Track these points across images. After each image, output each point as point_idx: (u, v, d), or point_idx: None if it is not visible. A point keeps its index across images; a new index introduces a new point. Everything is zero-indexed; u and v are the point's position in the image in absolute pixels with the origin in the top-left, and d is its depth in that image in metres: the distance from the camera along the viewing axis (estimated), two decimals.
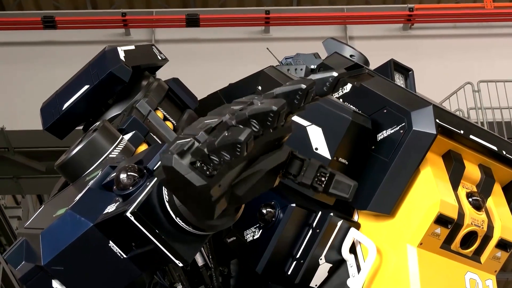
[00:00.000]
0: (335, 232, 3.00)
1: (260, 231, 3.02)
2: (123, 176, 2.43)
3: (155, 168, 2.39)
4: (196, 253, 2.44)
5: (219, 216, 2.12)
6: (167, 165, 2.01)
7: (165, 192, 2.28)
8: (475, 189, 3.09)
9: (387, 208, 2.96)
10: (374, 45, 11.95)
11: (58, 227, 2.51)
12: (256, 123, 2.01)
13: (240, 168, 2.07)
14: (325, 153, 2.97)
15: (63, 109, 3.43)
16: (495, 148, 3.13)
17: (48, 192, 12.20)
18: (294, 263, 2.97)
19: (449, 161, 3.04)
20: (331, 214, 2.99)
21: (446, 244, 2.98)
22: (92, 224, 2.40)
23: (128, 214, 2.29)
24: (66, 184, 3.15)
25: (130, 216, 2.29)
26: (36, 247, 2.55)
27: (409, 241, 2.93)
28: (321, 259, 2.99)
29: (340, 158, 2.98)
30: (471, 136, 3.06)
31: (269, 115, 2.00)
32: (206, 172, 1.98)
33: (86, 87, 3.40)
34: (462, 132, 3.02)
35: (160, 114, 3.43)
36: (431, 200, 2.91)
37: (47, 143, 10.67)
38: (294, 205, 2.96)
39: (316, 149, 2.99)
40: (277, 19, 12.80)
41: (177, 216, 2.26)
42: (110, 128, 3.06)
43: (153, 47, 3.82)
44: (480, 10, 12.87)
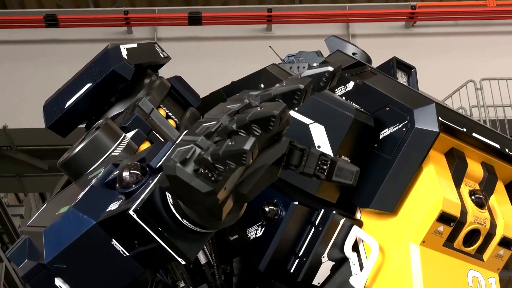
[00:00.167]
0: (338, 230, 2.99)
1: (263, 229, 3.01)
2: (125, 174, 2.43)
3: (158, 176, 2.38)
4: (199, 251, 2.44)
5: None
6: (170, 174, 2.00)
7: (169, 194, 2.28)
8: (477, 187, 3.09)
9: (390, 206, 2.96)
10: (376, 43, 11.94)
11: (60, 225, 2.51)
12: (257, 127, 2.01)
13: (243, 168, 2.07)
14: (328, 151, 2.96)
15: (65, 107, 3.42)
16: (497, 146, 3.13)
17: (51, 190, 12.21)
18: (297, 261, 2.97)
19: (452, 159, 3.04)
20: (334, 212, 2.98)
21: (449, 242, 2.98)
22: (94, 222, 2.40)
23: (130, 212, 2.29)
24: (68, 182, 3.15)
25: (133, 214, 2.29)
26: (38, 245, 2.55)
27: (412, 239, 2.93)
28: (323, 257, 2.99)
29: (342, 156, 2.98)
30: (474, 134, 3.06)
31: (270, 120, 2.00)
32: (211, 178, 1.99)
33: (88, 85, 3.39)
34: (464, 130, 3.02)
35: (162, 112, 3.43)
36: (433, 198, 2.91)
37: (50, 141, 10.69)
38: (296, 203, 2.96)
39: (319, 147, 2.99)
40: (280, 17, 12.80)
41: (183, 218, 2.26)
42: (112, 126, 3.05)
43: (155, 45, 3.81)
44: (482, 8, 12.85)
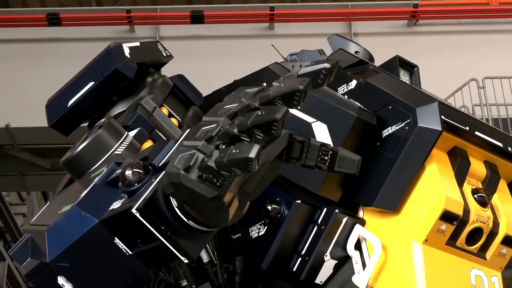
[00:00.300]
0: (340, 229, 2.99)
1: (265, 227, 3.01)
2: (128, 172, 2.43)
3: (162, 183, 2.38)
4: (201, 249, 2.45)
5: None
6: (175, 182, 2.01)
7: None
8: (480, 186, 3.09)
9: (393, 204, 2.96)
10: (378, 42, 11.91)
11: (63, 224, 2.51)
12: (259, 132, 2.01)
13: None
14: None
15: (68, 106, 3.42)
16: (500, 144, 3.13)
17: (53, 189, 12.20)
18: (299, 259, 2.97)
19: (455, 157, 3.03)
20: (336, 210, 2.98)
21: (452, 241, 2.98)
22: (97, 221, 2.41)
23: (133, 210, 2.29)
24: (71, 180, 3.15)
25: (136, 213, 2.29)
26: (41, 243, 2.55)
27: (415, 237, 2.93)
28: (326, 256, 2.99)
29: None
30: (477, 133, 3.05)
31: (272, 124, 2.00)
32: (216, 183, 1.99)
33: (91, 83, 3.39)
34: (467, 128, 3.02)
35: (165, 110, 3.43)
36: (436, 196, 2.91)
37: (52, 140, 10.67)
38: (299, 201, 2.96)
39: None
40: (282, 15, 12.78)
41: (188, 218, 2.26)
42: (115, 124, 3.06)
43: (158, 43, 3.81)
44: (485, 7, 12.83)
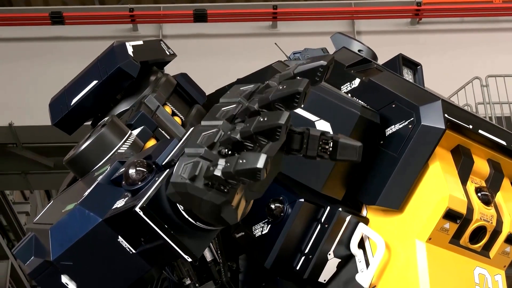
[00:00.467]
0: (344, 227, 2.99)
1: (269, 226, 3.01)
2: (132, 171, 2.43)
3: (168, 192, 2.39)
4: (205, 248, 2.45)
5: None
6: (181, 191, 2.01)
7: None
8: (484, 184, 3.09)
9: (396, 203, 2.96)
10: (382, 40, 11.89)
11: (67, 223, 2.51)
12: (263, 138, 2.01)
13: None
14: None
15: (71, 104, 3.43)
16: (504, 142, 3.12)
17: (57, 187, 12.22)
18: (303, 258, 2.97)
19: (458, 156, 3.03)
20: (340, 209, 2.98)
21: (455, 239, 2.98)
22: (101, 219, 2.41)
23: (137, 209, 2.29)
24: (74, 179, 3.15)
25: (139, 211, 2.29)
26: (45, 242, 2.56)
27: (418, 236, 2.92)
28: (329, 254, 2.99)
29: None
30: (480, 131, 3.05)
31: (276, 130, 2.00)
32: (223, 190, 2.00)
33: (94, 82, 3.40)
34: (471, 126, 3.02)
35: (168, 109, 3.43)
36: (440, 195, 2.91)
37: (56, 139, 10.70)
38: (302, 200, 2.96)
39: None
40: (285, 14, 12.76)
41: (192, 218, 2.26)
42: (118, 123, 3.06)
43: (161, 42, 3.82)
44: (488, 5, 12.80)
